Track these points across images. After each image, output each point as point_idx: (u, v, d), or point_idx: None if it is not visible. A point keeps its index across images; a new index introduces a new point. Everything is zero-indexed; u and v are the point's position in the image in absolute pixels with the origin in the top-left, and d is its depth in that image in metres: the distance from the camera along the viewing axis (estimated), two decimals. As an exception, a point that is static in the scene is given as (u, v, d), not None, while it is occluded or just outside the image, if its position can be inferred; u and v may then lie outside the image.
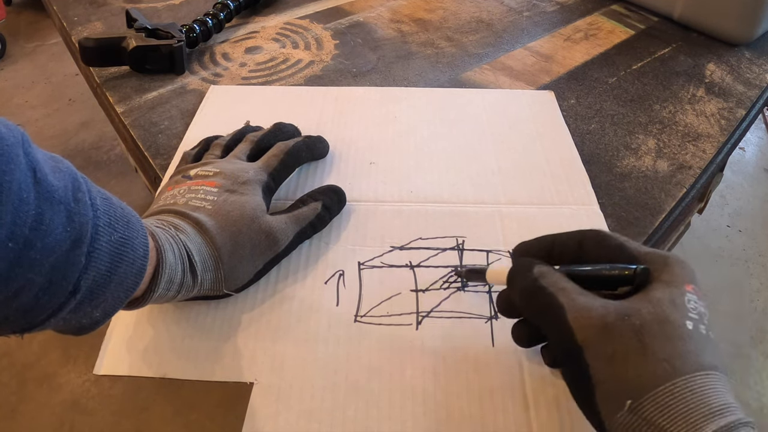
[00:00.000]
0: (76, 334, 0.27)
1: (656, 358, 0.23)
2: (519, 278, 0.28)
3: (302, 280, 0.37)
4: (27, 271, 0.21)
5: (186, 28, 0.58)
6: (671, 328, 0.24)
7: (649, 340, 0.23)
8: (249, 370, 0.32)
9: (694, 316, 0.24)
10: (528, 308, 0.28)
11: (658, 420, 0.22)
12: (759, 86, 0.57)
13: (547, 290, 0.26)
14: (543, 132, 0.49)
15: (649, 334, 0.24)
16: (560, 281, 0.27)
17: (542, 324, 0.27)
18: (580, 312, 0.25)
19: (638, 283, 0.26)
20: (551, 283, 0.27)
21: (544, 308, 0.26)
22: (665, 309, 0.24)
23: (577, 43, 0.64)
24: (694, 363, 0.23)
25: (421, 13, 0.69)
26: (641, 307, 0.24)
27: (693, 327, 0.24)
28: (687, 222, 0.80)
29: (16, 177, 0.21)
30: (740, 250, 1.42)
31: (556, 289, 0.26)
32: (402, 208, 0.42)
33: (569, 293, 0.26)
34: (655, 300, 0.25)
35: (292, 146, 0.41)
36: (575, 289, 0.26)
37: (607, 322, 0.24)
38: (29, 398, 1.05)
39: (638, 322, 0.24)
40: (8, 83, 1.95)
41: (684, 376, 0.22)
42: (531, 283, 0.27)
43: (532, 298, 0.27)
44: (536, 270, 0.28)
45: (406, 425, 0.30)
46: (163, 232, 0.30)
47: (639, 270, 0.26)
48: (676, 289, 0.25)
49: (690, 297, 0.25)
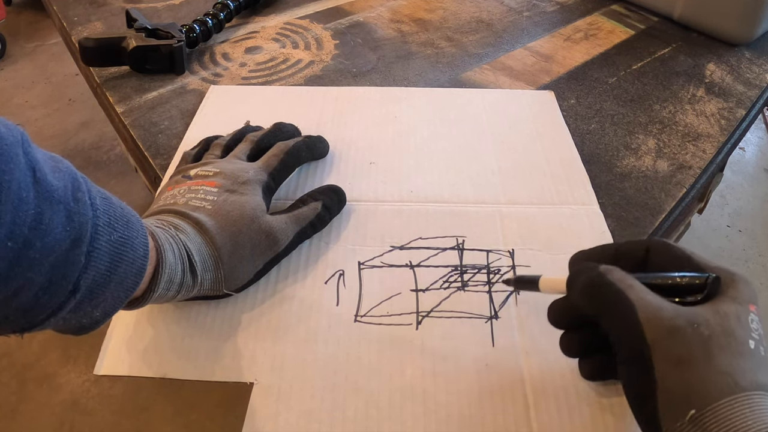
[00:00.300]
0: (76, 333, 0.27)
1: (720, 370, 0.23)
2: (582, 276, 0.27)
3: (302, 280, 0.37)
4: (26, 271, 0.21)
5: (186, 28, 0.58)
6: (736, 344, 0.24)
7: (715, 352, 0.23)
8: (249, 370, 0.32)
9: (755, 336, 0.25)
10: (592, 304, 0.27)
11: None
12: (759, 86, 0.57)
13: (615, 286, 0.26)
14: (543, 132, 0.49)
15: (715, 345, 0.24)
16: (627, 278, 0.26)
17: (607, 320, 0.26)
18: (651, 311, 0.25)
19: (708, 293, 0.26)
20: (619, 279, 0.26)
21: (612, 304, 0.26)
22: (732, 324, 0.24)
23: (577, 43, 0.64)
24: (753, 381, 0.23)
25: (421, 13, 0.69)
26: (710, 318, 0.24)
27: (754, 346, 0.24)
28: (687, 222, 0.80)
29: (16, 176, 0.21)
30: (740, 250, 1.42)
31: (625, 285, 0.26)
32: (402, 207, 0.42)
33: (638, 291, 0.25)
34: (723, 313, 0.25)
35: (292, 146, 0.41)
36: (644, 289, 0.26)
37: (677, 326, 0.24)
38: (29, 398, 1.05)
39: (707, 332, 0.24)
40: (8, 83, 1.95)
41: (745, 392, 0.22)
42: (597, 278, 0.26)
43: (598, 294, 0.26)
44: (602, 267, 0.27)
45: (406, 425, 0.30)
46: (163, 231, 0.30)
47: (711, 279, 0.26)
48: (741, 306, 0.25)
49: (753, 317, 0.25)
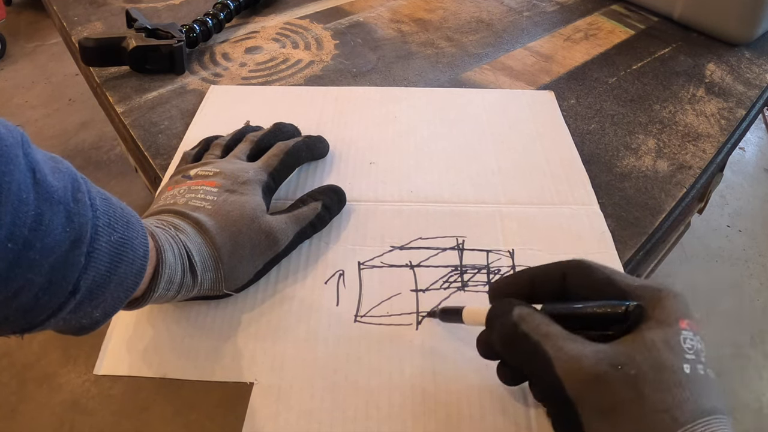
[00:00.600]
0: (76, 334, 0.27)
1: (655, 409, 0.22)
2: (498, 323, 0.26)
3: (302, 280, 0.37)
4: (26, 272, 0.21)
5: (186, 28, 0.58)
6: (668, 375, 0.22)
7: (646, 391, 0.22)
8: (249, 370, 0.32)
9: (690, 356, 0.23)
10: (511, 357, 0.26)
11: None
12: (759, 86, 0.57)
13: (530, 338, 0.24)
14: (543, 132, 0.49)
15: (645, 383, 0.22)
16: (543, 325, 0.24)
17: (528, 373, 0.25)
18: (570, 362, 0.23)
19: (631, 322, 0.24)
20: (533, 329, 0.24)
21: (529, 358, 0.24)
22: (661, 353, 0.23)
23: (577, 43, 0.64)
24: (694, 410, 0.21)
25: (421, 13, 0.69)
26: (635, 354, 0.23)
27: (690, 370, 0.22)
28: (687, 222, 0.80)
29: (16, 177, 0.21)
30: (740, 250, 1.42)
31: (540, 335, 0.24)
32: (402, 207, 0.42)
33: (555, 340, 0.24)
34: (649, 343, 0.23)
35: (292, 146, 0.41)
36: (561, 334, 0.24)
37: (599, 373, 0.22)
38: (29, 398, 1.05)
39: (633, 371, 0.22)
40: (8, 83, 1.95)
41: (684, 426, 0.21)
42: (511, 330, 0.25)
43: (515, 346, 0.25)
44: (516, 313, 0.25)
45: (406, 425, 0.30)
46: (162, 232, 0.30)
47: (631, 307, 0.24)
48: (669, 328, 0.23)
49: (685, 335, 0.23)
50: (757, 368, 1.17)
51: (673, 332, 0.23)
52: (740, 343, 1.21)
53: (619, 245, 0.39)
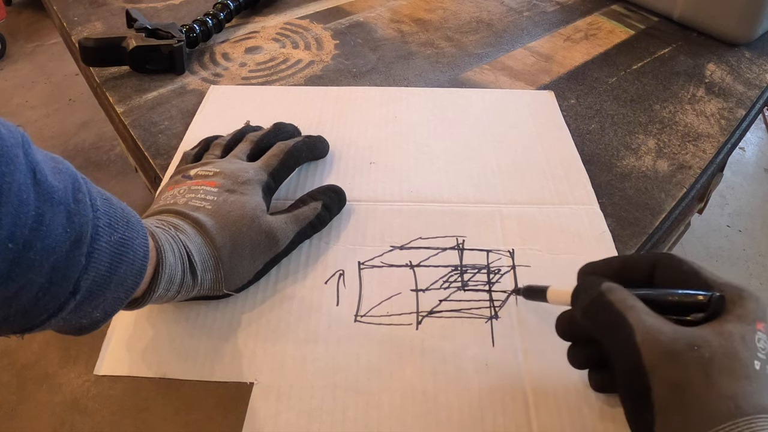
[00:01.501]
0: (77, 334, 0.27)
1: (721, 394, 0.22)
2: (584, 295, 0.27)
3: (302, 280, 0.37)
4: (27, 272, 0.21)
5: (186, 28, 0.58)
6: (739, 366, 0.23)
7: (716, 375, 0.23)
8: (249, 370, 0.32)
9: (761, 356, 0.24)
10: (593, 325, 0.26)
11: None
12: (759, 86, 0.57)
13: (614, 307, 0.25)
14: (543, 132, 0.49)
15: (716, 368, 0.23)
16: (628, 299, 0.26)
17: (607, 342, 0.26)
18: (650, 334, 0.24)
19: (711, 311, 0.25)
20: (619, 300, 0.26)
21: (611, 326, 0.25)
22: (735, 345, 0.24)
23: (577, 43, 0.64)
24: (757, 405, 0.22)
25: (421, 13, 0.69)
26: (712, 339, 0.24)
27: (760, 367, 0.23)
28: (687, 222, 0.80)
29: (16, 178, 0.21)
30: (740, 250, 1.42)
31: (625, 306, 0.25)
32: (402, 207, 0.42)
33: (638, 313, 0.25)
34: (726, 333, 0.24)
35: (292, 146, 0.41)
36: (644, 310, 0.25)
37: (675, 349, 0.24)
38: (29, 398, 1.05)
39: (707, 354, 0.23)
40: (8, 83, 1.95)
41: (746, 416, 0.22)
42: (597, 298, 0.26)
43: (599, 314, 0.26)
44: (604, 286, 0.27)
45: (406, 425, 0.30)
46: (162, 232, 0.30)
47: (715, 297, 0.25)
48: (747, 325, 0.24)
49: (760, 335, 0.24)
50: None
51: (749, 330, 0.24)
52: None
53: (619, 245, 0.39)
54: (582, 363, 0.30)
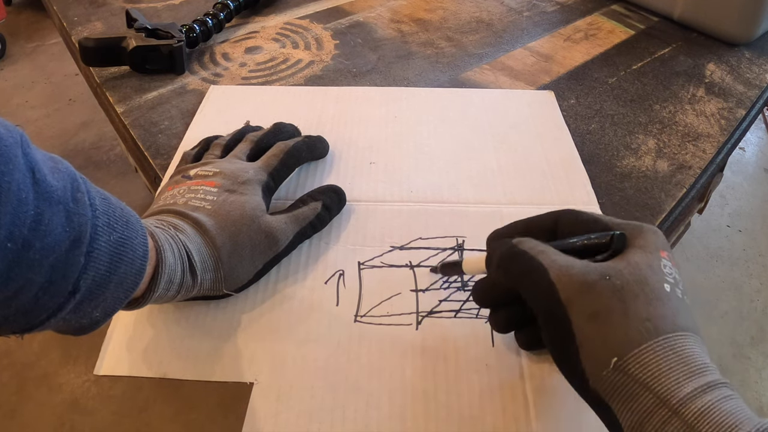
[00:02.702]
0: (76, 334, 0.27)
1: (638, 317, 0.24)
2: (497, 252, 0.28)
3: (302, 280, 0.37)
4: (26, 272, 0.21)
5: (186, 28, 0.58)
6: (650, 290, 0.24)
7: (630, 300, 0.24)
8: (249, 370, 0.32)
9: (670, 279, 0.25)
10: (508, 276, 0.28)
11: (642, 377, 0.23)
12: (759, 86, 0.57)
13: (527, 254, 0.27)
14: (543, 132, 0.49)
15: (630, 294, 0.24)
16: (538, 245, 0.27)
17: (524, 288, 0.27)
18: (562, 270, 0.26)
19: (615, 249, 0.27)
20: (530, 248, 0.27)
21: (526, 271, 0.27)
22: (644, 271, 0.25)
23: (577, 43, 0.64)
24: (672, 324, 0.24)
25: (421, 13, 0.69)
26: (622, 268, 0.25)
27: (670, 290, 0.25)
28: (687, 222, 0.80)
29: (15, 178, 0.21)
30: (740, 250, 1.42)
31: (536, 252, 0.27)
32: (402, 208, 0.42)
33: (549, 254, 0.26)
34: (633, 263, 0.25)
35: (292, 146, 0.41)
36: (554, 252, 0.27)
37: (588, 281, 0.25)
38: (29, 398, 1.05)
39: (619, 282, 0.25)
40: (8, 83, 1.95)
41: (664, 335, 0.23)
42: (510, 250, 0.28)
43: (512, 265, 0.27)
44: (514, 240, 0.28)
45: (406, 425, 0.30)
46: (162, 232, 0.30)
47: (616, 236, 0.27)
48: (651, 254, 0.26)
49: (665, 262, 0.26)
50: (757, 368, 1.17)
51: (654, 257, 0.26)
52: (740, 343, 1.21)
53: (619, 245, 0.39)
54: (504, 325, 0.31)
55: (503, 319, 0.31)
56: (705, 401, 0.21)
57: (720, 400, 0.21)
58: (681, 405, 0.22)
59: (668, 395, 0.22)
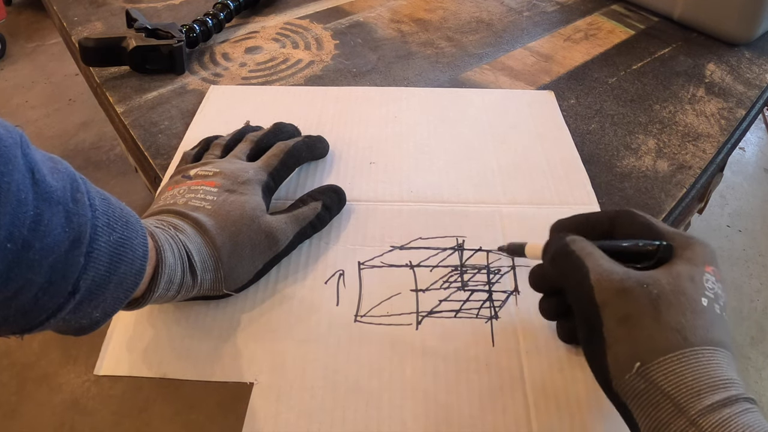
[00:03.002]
0: (76, 334, 0.27)
1: (669, 326, 0.24)
2: (552, 245, 0.30)
3: (302, 280, 0.37)
4: (26, 272, 0.21)
5: (186, 28, 0.58)
6: (686, 301, 0.25)
7: (664, 309, 0.25)
8: (249, 370, 0.32)
9: (709, 294, 0.26)
10: (557, 271, 0.29)
11: (664, 385, 0.23)
12: (759, 86, 0.57)
13: (575, 254, 0.28)
14: (543, 132, 0.49)
15: (665, 302, 0.25)
16: (587, 247, 0.28)
17: (567, 285, 0.28)
18: (603, 274, 0.26)
19: (660, 258, 0.28)
20: (579, 248, 0.28)
21: (571, 269, 0.28)
22: (683, 283, 0.25)
23: (577, 43, 0.64)
24: (703, 337, 0.24)
25: (421, 13, 0.69)
26: (661, 278, 0.26)
27: (707, 304, 0.25)
28: (687, 222, 0.80)
29: (15, 178, 0.21)
30: (740, 250, 1.42)
31: (584, 253, 0.28)
32: (402, 207, 0.42)
33: (595, 258, 0.27)
34: (675, 273, 0.26)
35: (292, 146, 0.41)
36: (601, 255, 0.28)
37: (626, 286, 0.26)
38: (29, 398, 1.05)
39: (656, 291, 0.25)
40: (8, 83, 1.94)
41: (693, 347, 0.23)
42: (562, 248, 0.29)
43: (562, 261, 0.28)
44: (568, 238, 0.29)
45: (406, 425, 0.30)
46: (162, 232, 0.30)
47: (662, 246, 0.28)
48: (696, 267, 0.26)
49: (708, 277, 0.26)
50: (757, 368, 1.17)
51: (697, 271, 0.26)
52: (740, 343, 1.21)
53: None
54: (551, 313, 0.32)
55: (551, 307, 0.32)
56: (723, 414, 0.21)
57: (738, 414, 0.21)
58: (699, 416, 0.22)
59: (688, 406, 0.22)
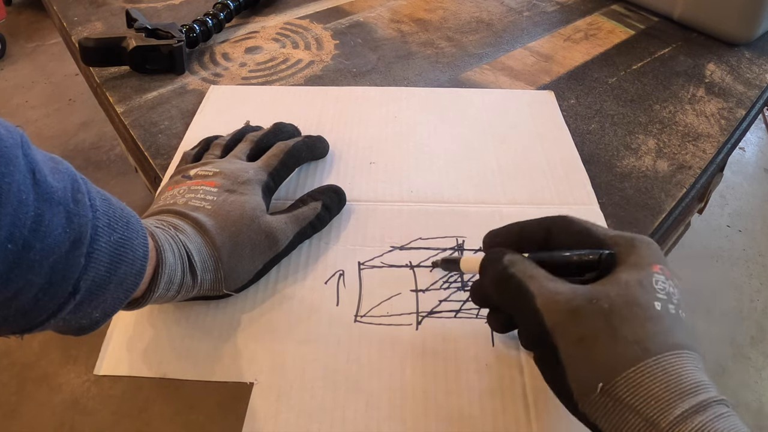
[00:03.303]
0: (76, 334, 0.27)
1: (626, 340, 0.23)
2: (490, 268, 0.28)
3: (302, 280, 0.37)
4: (26, 273, 0.21)
5: (186, 28, 0.58)
6: (640, 310, 0.24)
7: (618, 323, 0.24)
8: (249, 370, 0.32)
9: (662, 296, 0.25)
10: (500, 296, 0.28)
11: (631, 400, 0.22)
12: (759, 86, 0.57)
13: (516, 278, 0.27)
14: (543, 132, 0.49)
15: (618, 316, 0.24)
16: (529, 269, 0.27)
17: (513, 311, 0.27)
18: (549, 297, 0.25)
19: (603, 267, 0.26)
20: (520, 271, 0.27)
21: (515, 295, 0.27)
22: (633, 291, 0.24)
23: (577, 43, 0.64)
24: (663, 343, 0.23)
25: (421, 13, 0.69)
26: (609, 290, 0.25)
27: (662, 307, 0.24)
28: (687, 222, 0.80)
29: (16, 178, 0.21)
30: (740, 250, 1.42)
31: (525, 276, 0.27)
32: (402, 208, 0.42)
33: (538, 280, 0.26)
34: (622, 282, 0.25)
35: (292, 146, 0.41)
36: (544, 276, 0.26)
37: (575, 306, 0.25)
38: (29, 398, 1.05)
39: (606, 305, 0.24)
40: (8, 83, 1.94)
41: (655, 356, 0.23)
42: (502, 272, 0.27)
43: (503, 286, 0.27)
44: (506, 259, 0.28)
45: (406, 425, 0.30)
46: (162, 232, 0.30)
47: (604, 256, 0.26)
48: (642, 270, 0.25)
49: (657, 277, 0.25)
50: (757, 368, 1.17)
51: (645, 274, 0.25)
52: (740, 343, 1.21)
53: (619, 245, 0.39)
54: (502, 327, 0.31)
55: (500, 321, 0.31)
56: (696, 422, 0.21)
57: (712, 420, 0.21)
58: (671, 427, 0.21)
59: (658, 418, 0.21)
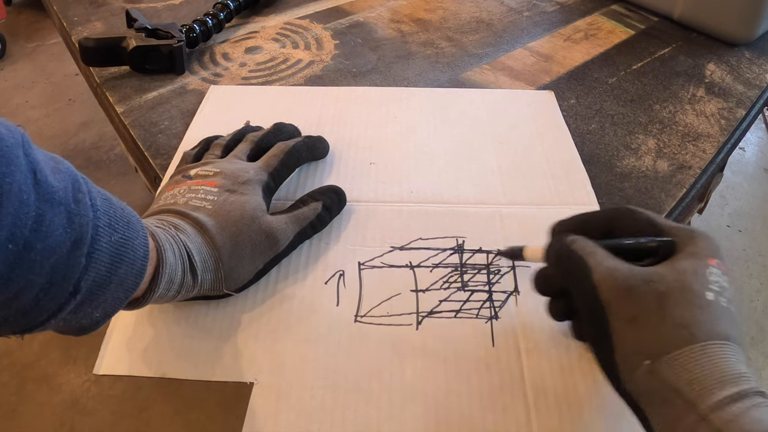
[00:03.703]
0: (77, 334, 0.27)
1: (675, 323, 0.24)
2: (552, 247, 0.30)
3: (302, 280, 0.37)
4: (27, 273, 0.21)
5: (186, 28, 0.58)
6: (692, 296, 0.25)
7: (670, 306, 0.25)
8: (249, 370, 0.32)
9: (715, 288, 0.25)
10: (560, 272, 0.29)
11: (674, 381, 0.23)
12: (759, 86, 0.57)
13: (577, 254, 0.28)
14: (543, 132, 0.49)
15: (670, 300, 0.25)
16: (590, 246, 0.28)
17: (571, 285, 0.28)
18: (606, 273, 0.26)
19: (662, 255, 0.27)
20: (581, 248, 0.28)
21: (574, 270, 0.27)
22: (688, 278, 0.25)
23: (577, 43, 0.64)
24: (710, 331, 0.24)
25: (421, 13, 0.69)
26: (666, 274, 0.26)
27: (713, 298, 0.25)
28: (687, 222, 0.80)
29: (17, 178, 0.21)
30: (740, 250, 1.42)
31: (585, 253, 0.28)
32: (402, 208, 0.42)
33: (597, 257, 0.27)
34: (679, 269, 0.26)
35: (292, 146, 0.41)
36: (603, 254, 0.27)
37: (630, 285, 0.26)
38: (29, 398, 1.05)
39: (662, 288, 0.25)
40: (8, 83, 1.94)
41: (701, 342, 0.23)
42: (563, 248, 0.29)
43: (563, 261, 0.28)
44: (569, 238, 0.29)
45: (406, 425, 0.30)
46: (163, 232, 0.30)
47: (663, 243, 0.28)
48: (699, 261, 0.26)
49: (712, 270, 0.26)
50: (757, 368, 1.17)
51: (701, 264, 0.26)
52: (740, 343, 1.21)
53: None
54: (560, 314, 0.32)
55: (560, 309, 0.32)
56: (734, 409, 0.21)
57: (749, 409, 0.21)
58: (710, 411, 0.22)
59: (698, 401, 0.22)
